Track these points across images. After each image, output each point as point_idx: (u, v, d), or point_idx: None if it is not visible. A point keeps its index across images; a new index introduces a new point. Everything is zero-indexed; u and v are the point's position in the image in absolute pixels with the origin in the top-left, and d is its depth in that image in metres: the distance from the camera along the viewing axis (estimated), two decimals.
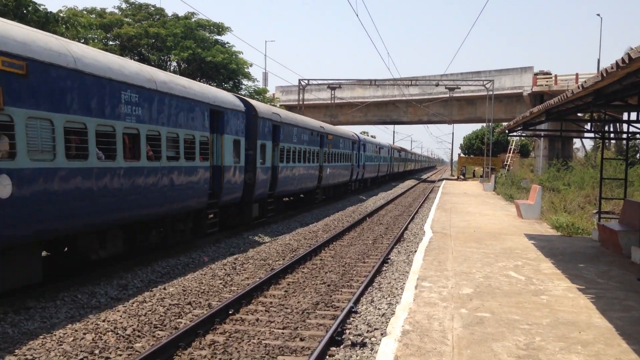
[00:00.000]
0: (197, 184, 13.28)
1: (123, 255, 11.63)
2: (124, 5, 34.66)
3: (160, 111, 11.51)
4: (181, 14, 35.32)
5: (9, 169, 7.63)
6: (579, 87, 7.68)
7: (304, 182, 23.28)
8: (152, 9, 34.98)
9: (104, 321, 7.90)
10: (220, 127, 14.57)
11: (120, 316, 8.16)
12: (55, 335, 7.30)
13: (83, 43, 16.79)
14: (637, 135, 15.30)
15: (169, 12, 35.47)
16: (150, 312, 8.42)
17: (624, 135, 16.40)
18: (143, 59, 31.77)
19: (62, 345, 6.96)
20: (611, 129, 43.53)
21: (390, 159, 52.73)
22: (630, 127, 13.72)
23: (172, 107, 12.03)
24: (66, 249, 10.64)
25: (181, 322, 8.06)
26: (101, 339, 7.20)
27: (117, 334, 7.40)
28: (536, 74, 48.41)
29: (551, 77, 47.36)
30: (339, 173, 30.28)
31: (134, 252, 12.00)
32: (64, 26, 19.14)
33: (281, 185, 19.97)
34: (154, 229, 12.37)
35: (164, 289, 9.89)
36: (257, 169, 17.15)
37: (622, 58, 5.50)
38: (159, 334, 7.52)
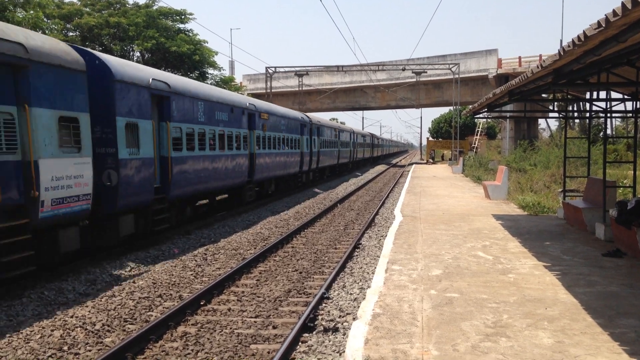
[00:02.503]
0: None
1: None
2: None
3: None
4: (142, 1, 34.65)
5: None
6: (538, 67, 7.78)
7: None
8: None
9: (72, 317, 7.78)
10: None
11: (89, 311, 8.04)
12: (22, 333, 7.16)
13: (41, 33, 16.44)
14: (600, 114, 15.61)
15: (129, 0, 34.56)
16: (119, 306, 8.31)
17: (587, 114, 16.72)
18: (105, 49, 31.10)
19: (29, 342, 6.83)
20: (574, 109, 44.38)
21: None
22: (593, 106, 13.98)
23: None
24: None
25: (152, 315, 7.98)
26: (70, 335, 7.08)
27: (86, 329, 7.29)
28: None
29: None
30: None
31: None
32: (19, 10, 18.63)
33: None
34: None
35: (134, 282, 9.76)
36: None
37: (578, 36, 5.58)
38: (129, 328, 7.43)
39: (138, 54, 33.91)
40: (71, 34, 31.48)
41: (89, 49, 11.61)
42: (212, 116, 16.35)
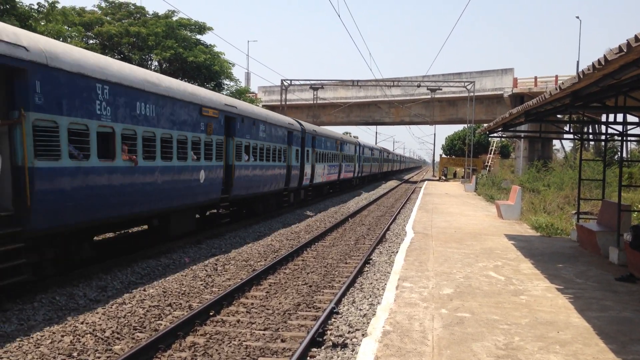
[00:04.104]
0: None
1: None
2: (103, 4, 34.33)
3: None
4: (161, 12, 35.10)
5: None
6: (556, 89, 7.77)
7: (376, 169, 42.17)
8: (132, 7, 34.67)
9: (82, 323, 7.81)
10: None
11: (99, 318, 8.07)
12: (32, 337, 7.20)
13: (62, 41, 16.66)
14: (615, 137, 15.50)
15: (149, 10, 35.07)
16: (129, 314, 8.33)
17: (602, 137, 16.63)
18: (124, 58, 31.47)
19: (39, 347, 6.86)
20: (590, 131, 44.12)
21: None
22: (609, 129, 13.89)
23: None
24: None
25: (161, 324, 7.99)
26: (79, 341, 7.11)
27: (96, 336, 7.32)
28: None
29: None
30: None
31: None
32: (42, 22, 18.95)
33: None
34: None
35: (144, 290, 9.80)
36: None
37: (598, 60, 5.57)
38: (138, 336, 7.45)
39: (156, 63, 34.26)
40: (91, 41, 31.90)
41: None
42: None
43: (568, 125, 17.60)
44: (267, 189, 20.51)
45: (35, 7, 19.27)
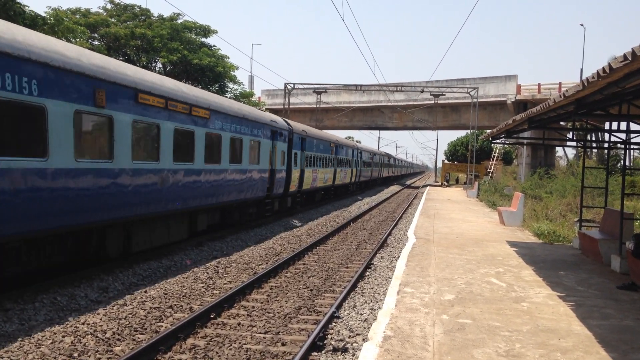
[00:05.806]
0: None
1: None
2: (109, 6, 34.43)
3: None
4: (166, 14, 35.17)
5: None
6: (560, 96, 7.77)
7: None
8: (138, 9, 34.78)
9: (83, 324, 7.82)
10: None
11: (100, 319, 8.08)
12: (33, 337, 7.20)
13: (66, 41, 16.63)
14: (618, 145, 15.49)
15: (154, 13, 35.15)
16: (130, 315, 8.34)
17: (606, 145, 16.62)
18: (129, 60, 31.55)
19: (40, 348, 6.87)
20: (593, 138, 44.04)
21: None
22: (612, 137, 13.89)
23: None
24: None
25: (162, 326, 7.99)
26: (80, 342, 7.11)
27: (97, 337, 7.32)
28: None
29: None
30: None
31: None
32: (49, 29, 19.07)
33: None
34: None
35: (145, 292, 9.80)
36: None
37: (603, 68, 5.58)
38: (139, 338, 7.45)
39: (160, 65, 34.34)
40: (96, 43, 31.98)
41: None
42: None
43: (571, 132, 17.61)
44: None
45: (41, 14, 19.45)
